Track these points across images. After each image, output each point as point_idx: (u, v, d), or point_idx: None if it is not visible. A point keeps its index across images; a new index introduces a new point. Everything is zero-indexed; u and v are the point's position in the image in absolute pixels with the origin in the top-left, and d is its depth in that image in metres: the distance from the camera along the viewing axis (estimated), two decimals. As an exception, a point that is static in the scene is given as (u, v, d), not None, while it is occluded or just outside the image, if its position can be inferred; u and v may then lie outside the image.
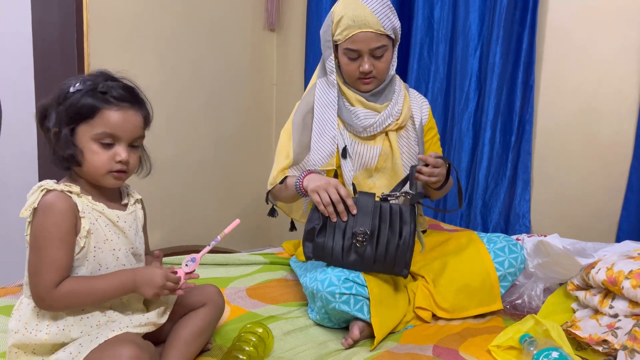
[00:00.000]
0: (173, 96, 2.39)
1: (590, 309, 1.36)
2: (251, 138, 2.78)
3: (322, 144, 1.57)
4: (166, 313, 1.15)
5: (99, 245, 1.05)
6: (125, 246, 1.10)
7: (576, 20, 1.90)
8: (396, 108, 1.58)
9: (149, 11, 2.27)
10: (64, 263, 1.01)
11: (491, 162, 2.05)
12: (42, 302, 1.02)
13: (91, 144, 1.04)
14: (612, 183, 1.86)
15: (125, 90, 1.07)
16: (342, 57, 1.54)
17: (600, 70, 1.87)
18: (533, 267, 1.52)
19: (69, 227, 1.01)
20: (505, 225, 2.06)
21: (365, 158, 1.58)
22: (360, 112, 1.56)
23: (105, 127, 1.04)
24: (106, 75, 1.09)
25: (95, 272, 1.06)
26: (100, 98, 1.04)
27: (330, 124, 1.57)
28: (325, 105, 1.59)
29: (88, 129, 1.04)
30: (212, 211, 2.64)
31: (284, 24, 2.78)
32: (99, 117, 1.04)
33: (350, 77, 1.56)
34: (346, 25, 1.47)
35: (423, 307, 1.46)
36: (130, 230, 1.11)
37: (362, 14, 1.46)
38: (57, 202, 1.01)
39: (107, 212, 1.07)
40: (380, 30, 1.47)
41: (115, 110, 1.05)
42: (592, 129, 1.90)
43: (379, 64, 1.52)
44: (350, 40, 1.48)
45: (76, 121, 1.04)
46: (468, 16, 2.07)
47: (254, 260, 1.81)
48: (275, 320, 1.41)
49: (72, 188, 1.04)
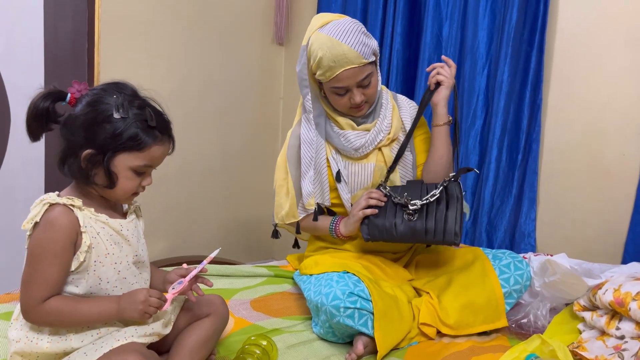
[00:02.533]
0: (181, 106, 2.40)
1: (596, 330, 1.35)
2: (257, 151, 2.79)
3: (311, 181, 1.60)
4: (170, 323, 1.15)
5: (99, 260, 1.05)
6: (129, 255, 1.10)
7: (584, 41, 1.91)
8: (385, 122, 1.58)
9: (159, 23, 2.30)
10: (54, 279, 1.01)
11: (497, 180, 2.05)
12: (26, 315, 1.03)
13: (128, 172, 1.05)
14: (618, 204, 1.86)
15: (164, 120, 1.09)
16: (330, 95, 1.54)
17: (607, 92, 1.87)
18: (539, 286, 1.51)
19: (65, 244, 1.01)
20: (510, 243, 2.05)
21: (360, 177, 1.60)
22: (351, 135, 1.57)
23: (148, 160, 1.06)
24: (132, 91, 1.08)
25: (96, 286, 1.06)
26: (150, 133, 1.05)
27: (316, 163, 1.60)
28: (309, 144, 1.61)
29: (131, 159, 1.05)
30: (217, 222, 2.64)
31: (293, 39, 2.81)
32: (147, 151, 1.05)
33: (342, 108, 1.56)
34: (328, 67, 1.45)
35: (428, 323, 1.45)
36: (133, 238, 1.12)
37: (341, 52, 1.42)
38: (58, 218, 1.01)
39: (110, 222, 1.08)
40: (362, 62, 1.45)
41: (159, 146, 1.07)
42: (598, 149, 1.90)
43: (368, 91, 1.52)
44: (335, 80, 1.47)
45: (119, 149, 1.03)
46: (477, 35, 2.08)
47: (259, 272, 1.81)
48: (279, 333, 1.41)
49: (75, 201, 1.03)
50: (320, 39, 1.46)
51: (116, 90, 1.05)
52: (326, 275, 1.44)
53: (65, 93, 1.06)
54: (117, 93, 1.04)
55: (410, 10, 2.28)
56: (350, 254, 1.62)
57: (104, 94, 1.04)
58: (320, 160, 1.59)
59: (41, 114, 1.03)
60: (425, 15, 2.21)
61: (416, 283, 1.58)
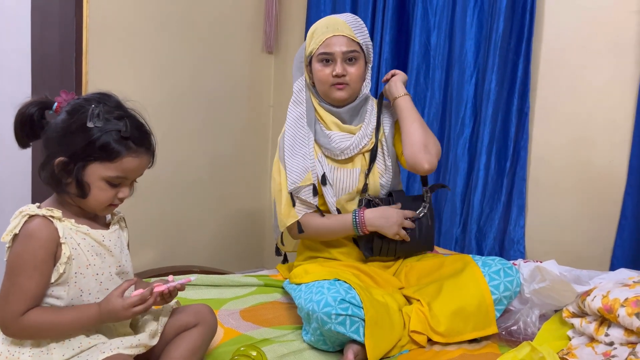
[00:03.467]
0: (170, 115, 2.39)
1: (586, 337, 1.36)
2: (247, 159, 2.78)
3: (296, 160, 1.58)
4: (157, 334, 1.14)
5: (80, 271, 1.04)
6: (112, 266, 1.09)
7: (570, 50, 1.94)
8: (369, 127, 1.61)
9: (148, 31, 2.29)
10: (32, 292, 1.00)
11: (486, 187, 2.06)
12: (6, 330, 1.01)
13: (100, 182, 1.04)
14: (605, 211, 1.87)
15: (142, 132, 1.07)
16: (316, 65, 1.58)
17: (593, 99, 1.90)
18: (529, 293, 1.52)
19: (45, 256, 1.00)
20: (500, 250, 2.06)
21: (346, 183, 1.61)
22: (336, 136, 1.59)
23: (121, 172, 1.05)
24: (116, 102, 1.07)
25: (77, 298, 1.05)
26: (122, 144, 1.03)
27: (301, 140, 1.59)
28: (295, 119, 1.61)
29: (102, 170, 1.03)
30: (206, 231, 2.62)
31: (282, 47, 2.82)
32: (118, 162, 1.04)
33: (324, 83, 1.57)
34: (320, 33, 1.56)
35: (418, 331, 1.44)
36: (115, 249, 1.11)
37: (335, 22, 1.56)
38: (37, 230, 1.00)
39: (91, 233, 1.07)
40: (352, 36, 1.54)
41: (134, 157, 1.05)
42: (586, 156, 1.92)
43: (352, 70, 1.56)
44: (324, 45, 1.54)
45: (92, 159, 1.02)
46: (464, 44, 2.10)
47: (248, 282, 1.80)
48: (269, 344, 1.40)
49: (54, 212, 1.03)
50: (320, 19, 1.62)
51: (97, 101, 1.04)
52: (317, 283, 1.44)
53: (53, 102, 1.06)
54: (96, 103, 1.03)
55: (399, 20, 2.30)
56: (340, 263, 1.62)
57: (84, 104, 1.04)
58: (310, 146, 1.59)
59: (26, 120, 1.04)
60: (414, 25, 2.23)
61: (406, 291, 1.58)
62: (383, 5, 2.28)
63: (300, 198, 1.58)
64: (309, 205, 1.59)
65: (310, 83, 1.63)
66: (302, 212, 1.60)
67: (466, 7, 2.09)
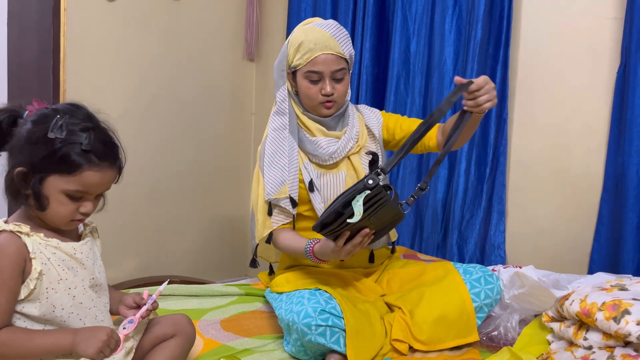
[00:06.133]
0: (150, 123, 2.37)
1: (565, 341, 1.37)
2: (229, 167, 2.76)
3: (274, 172, 1.56)
4: (132, 351, 1.11)
5: (52, 286, 1.02)
6: (85, 279, 1.07)
7: (546, 55, 1.96)
8: (354, 130, 1.61)
9: (127, 39, 2.27)
10: (2, 309, 0.98)
11: (466, 193, 2.07)
12: None
13: (59, 195, 1.01)
14: (583, 215, 1.89)
15: (107, 146, 1.04)
16: (302, 82, 1.55)
17: (570, 105, 1.92)
18: (509, 299, 1.53)
19: (12, 272, 0.98)
20: (481, 255, 2.07)
21: (333, 188, 1.60)
22: (322, 141, 1.58)
23: (81, 186, 1.01)
24: (85, 114, 1.04)
25: (50, 314, 1.02)
26: (84, 156, 1.00)
27: (281, 151, 1.57)
28: (276, 130, 1.59)
29: (62, 183, 1.00)
30: (188, 240, 2.60)
31: (263, 55, 2.81)
32: (78, 175, 1.00)
33: (311, 101, 1.56)
34: (307, 49, 1.50)
35: (400, 339, 1.44)
36: (88, 261, 1.08)
37: (323, 37, 1.50)
38: (4, 245, 0.98)
39: (62, 246, 1.04)
40: (340, 53, 1.52)
41: (95, 172, 1.01)
42: (563, 161, 1.94)
43: (339, 87, 1.55)
44: (312, 63, 1.51)
45: (50, 171, 0.99)
46: (443, 50, 2.12)
47: (229, 291, 1.78)
48: (250, 354, 1.38)
49: (22, 228, 1.00)
50: (304, 29, 1.54)
51: (64, 111, 1.02)
52: (297, 293, 1.43)
53: (25, 110, 1.04)
54: (62, 114, 1.01)
55: (379, 27, 2.31)
56: (321, 271, 1.61)
57: (51, 114, 1.01)
58: (293, 157, 1.57)
59: None
60: (394, 32, 2.24)
61: (388, 298, 1.58)
62: (363, 13, 2.29)
63: (280, 206, 1.57)
64: (287, 215, 1.58)
65: (293, 92, 1.62)
66: (278, 223, 1.58)
67: (445, 14, 2.10)
